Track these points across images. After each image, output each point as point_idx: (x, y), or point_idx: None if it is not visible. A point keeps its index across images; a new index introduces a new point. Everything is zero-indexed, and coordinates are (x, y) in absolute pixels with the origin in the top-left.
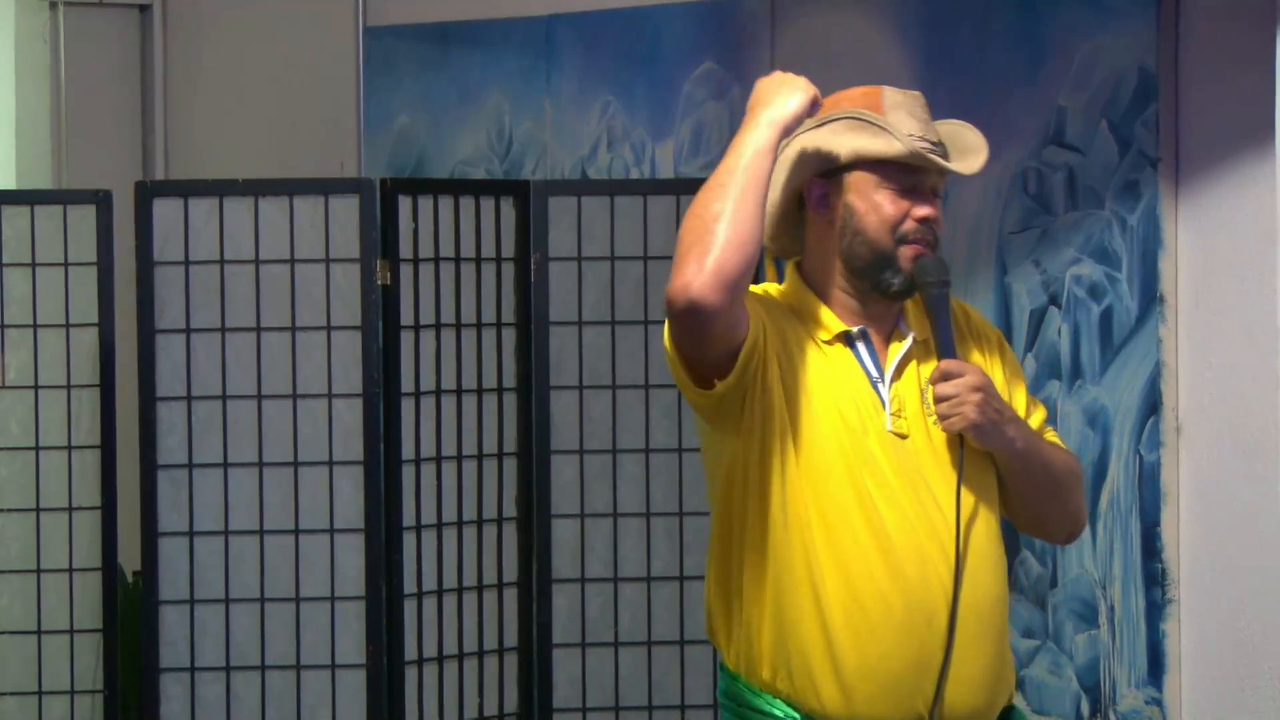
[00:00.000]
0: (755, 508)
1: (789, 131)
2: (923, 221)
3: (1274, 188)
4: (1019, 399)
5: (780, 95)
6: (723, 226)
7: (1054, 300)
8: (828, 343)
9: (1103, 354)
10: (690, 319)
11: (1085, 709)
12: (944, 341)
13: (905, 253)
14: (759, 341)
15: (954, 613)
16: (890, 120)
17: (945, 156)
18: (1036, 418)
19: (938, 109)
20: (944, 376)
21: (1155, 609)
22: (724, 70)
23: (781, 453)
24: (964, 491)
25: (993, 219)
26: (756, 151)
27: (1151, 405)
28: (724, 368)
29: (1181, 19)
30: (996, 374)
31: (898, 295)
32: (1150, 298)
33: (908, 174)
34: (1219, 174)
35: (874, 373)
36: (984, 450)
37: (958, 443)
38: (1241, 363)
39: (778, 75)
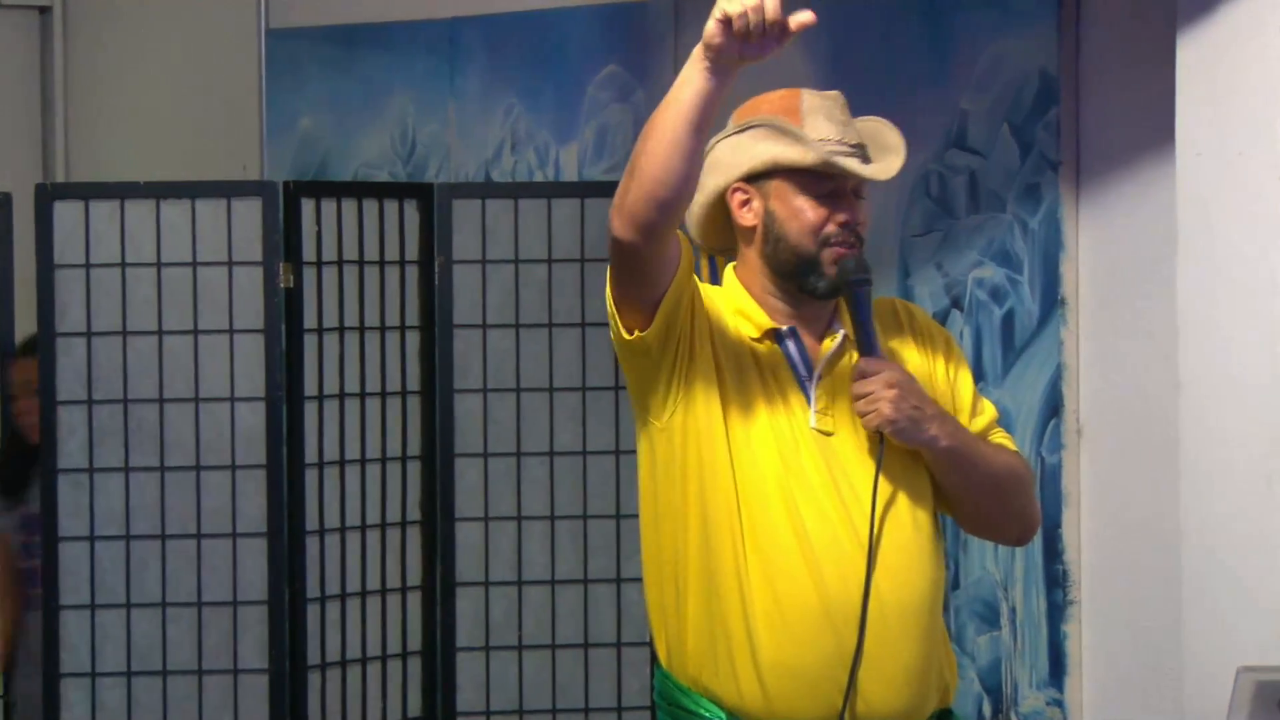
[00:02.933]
0: (688, 504)
1: (719, 54)
2: (844, 226)
3: (1173, 191)
4: (964, 400)
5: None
6: (639, 166)
7: (956, 303)
8: (758, 340)
9: (1004, 356)
10: (614, 251)
11: (987, 710)
12: (864, 340)
13: (828, 256)
14: (684, 308)
15: (864, 608)
16: (807, 124)
17: (865, 156)
18: (983, 419)
19: None
20: (861, 374)
21: (1056, 610)
22: (628, 73)
23: (714, 448)
24: (890, 490)
25: (895, 222)
26: (679, 83)
27: (1053, 407)
28: (647, 318)
29: (1082, 23)
30: (939, 374)
31: (824, 296)
32: (1051, 300)
33: (826, 179)
34: (1119, 177)
35: (802, 370)
36: (911, 449)
37: (878, 440)
38: (1142, 365)
39: None
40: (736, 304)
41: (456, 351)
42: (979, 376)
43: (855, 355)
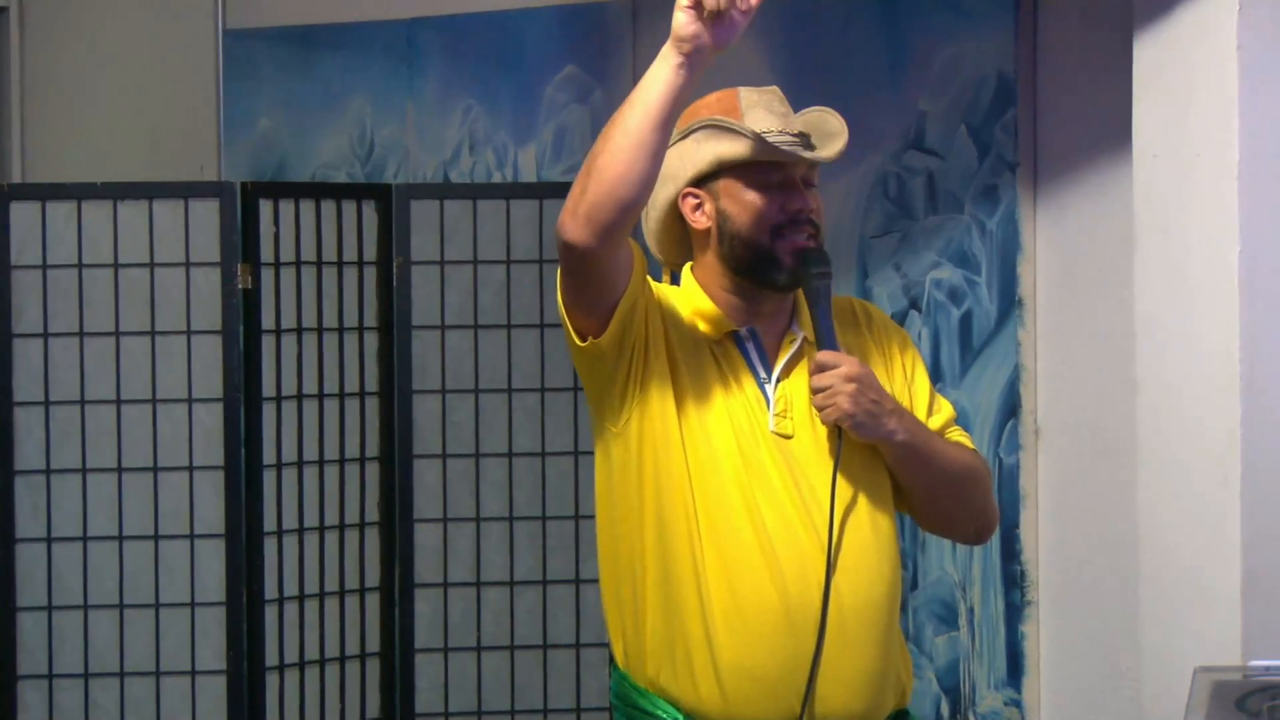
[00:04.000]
0: (644, 507)
1: (694, 50)
2: (796, 214)
3: (1131, 192)
4: (921, 399)
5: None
6: (599, 165)
7: (914, 304)
8: (717, 342)
9: (962, 357)
10: (566, 257)
11: (945, 710)
12: (823, 333)
13: (784, 247)
14: (639, 313)
15: (824, 611)
16: (748, 119)
17: (809, 143)
18: (940, 417)
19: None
20: (820, 368)
21: (1014, 611)
22: (586, 74)
23: (670, 451)
24: (850, 492)
25: (853, 223)
26: (646, 81)
27: (1010, 408)
28: (601, 324)
29: (1040, 25)
30: (896, 374)
31: (784, 288)
32: (1009, 301)
33: (773, 170)
34: (1077, 179)
35: (761, 372)
36: (870, 447)
37: (836, 435)
38: (1099, 366)
39: None
40: (695, 305)
41: (415, 352)
42: (937, 377)
43: (809, 357)
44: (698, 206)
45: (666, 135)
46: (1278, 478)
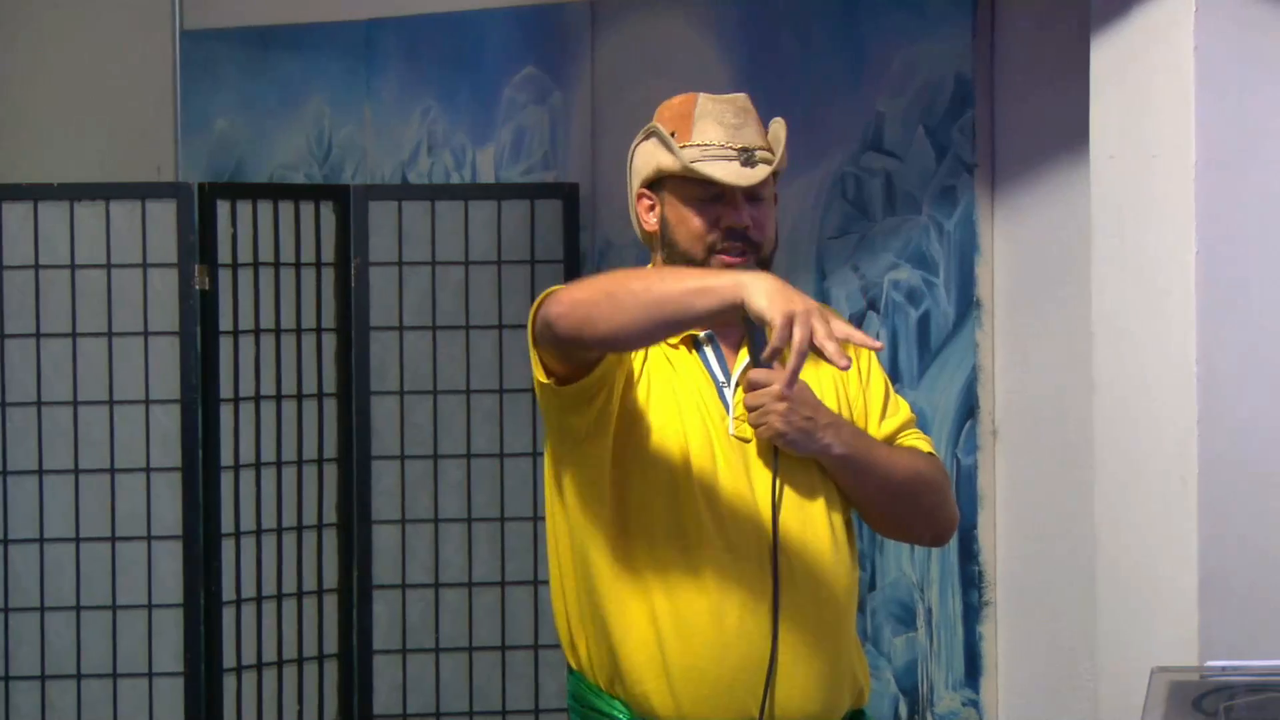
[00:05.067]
0: (601, 511)
1: (719, 306)
2: (730, 230)
3: (1087, 193)
4: (875, 402)
5: (754, 286)
6: (611, 302)
7: (872, 305)
8: (674, 347)
9: (920, 358)
10: (545, 332)
11: (903, 711)
12: (755, 351)
13: (715, 265)
14: (611, 374)
15: (775, 614)
16: (697, 129)
17: (752, 159)
18: (895, 420)
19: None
20: (751, 386)
21: (972, 611)
22: (545, 75)
23: (625, 456)
24: (803, 494)
25: (812, 224)
26: (693, 290)
27: (969, 409)
28: (568, 377)
29: (997, 27)
30: (852, 378)
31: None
32: (967, 302)
33: (711, 184)
34: (1034, 180)
35: (720, 377)
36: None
37: (773, 450)
38: (1057, 366)
39: (779, 288)
40: None
41: (373, 354)
42: (895, 378)
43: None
44: (650, 208)
45: (669, 334)
46: (1235, 478)
